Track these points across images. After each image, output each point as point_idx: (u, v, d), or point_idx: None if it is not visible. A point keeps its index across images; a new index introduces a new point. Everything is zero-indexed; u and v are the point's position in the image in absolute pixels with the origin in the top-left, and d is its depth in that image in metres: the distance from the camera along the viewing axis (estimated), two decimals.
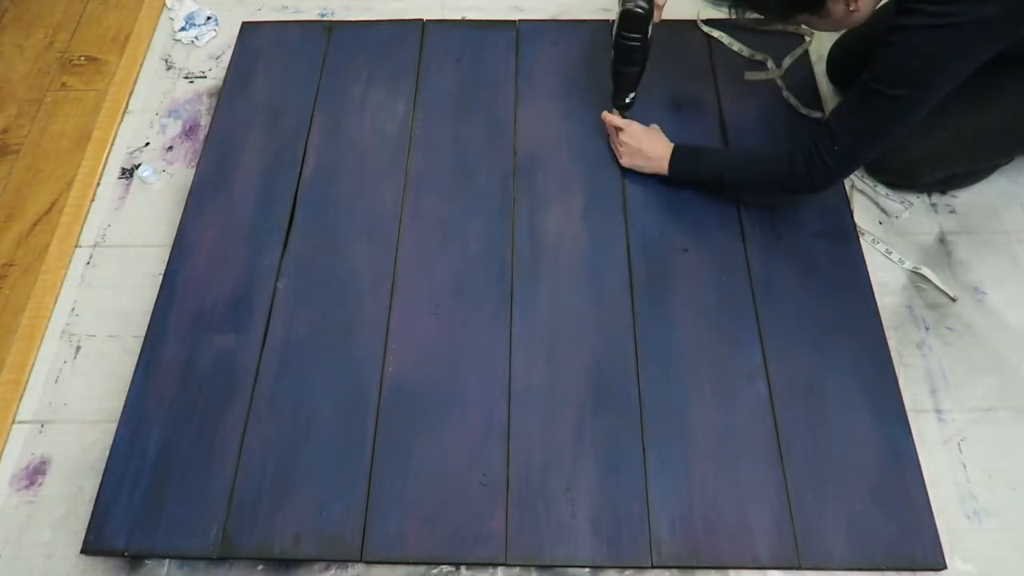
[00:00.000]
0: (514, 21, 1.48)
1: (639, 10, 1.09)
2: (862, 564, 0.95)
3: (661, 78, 1.37)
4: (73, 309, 1.22)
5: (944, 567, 0.95)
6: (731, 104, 1.34)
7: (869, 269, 1.16)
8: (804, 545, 0.96)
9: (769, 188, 1.18)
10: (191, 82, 1.48)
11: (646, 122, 1.25)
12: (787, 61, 1.36)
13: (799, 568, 0.95)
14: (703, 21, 1.26)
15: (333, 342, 1.13)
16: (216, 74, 1.48)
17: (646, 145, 1.22)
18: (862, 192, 1.26)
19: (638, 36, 1.12)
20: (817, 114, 1.31)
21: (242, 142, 1.34)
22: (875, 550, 0.96)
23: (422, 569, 0.99)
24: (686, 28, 1.45)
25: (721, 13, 1.44)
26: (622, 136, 1.23)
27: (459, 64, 1.43)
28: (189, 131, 1.41)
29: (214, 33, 1.55)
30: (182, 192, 1.31)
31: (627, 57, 1.16)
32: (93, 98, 1.48)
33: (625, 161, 1.25)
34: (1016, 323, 1.14)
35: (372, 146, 1.33)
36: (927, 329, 1.14)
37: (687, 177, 1.21)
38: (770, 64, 1.32)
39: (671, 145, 1.21)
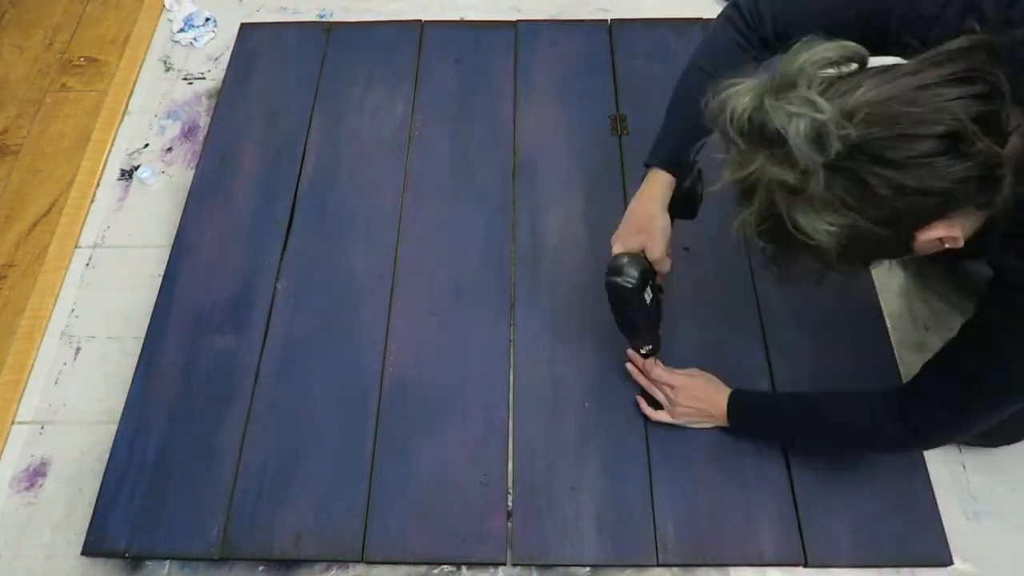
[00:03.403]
0: (513, 22, 1.48)
1: (626, 284, 0.87)
2: (867, 561, 0.95)
3: (661, 76, 1.37)
4: (73, 310, 1.22)
5: (950, 562, 0.95)
6: None
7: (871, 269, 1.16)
8: (810, 543, 0.96)
9: (853, 447, 0.97)
10: (190, 83, 1.48)
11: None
12: None
13: (805, 566, 0.95)
14: None
15: (333, 343, 1.13)
16: (215, 75, 1.48)
17: (706, 402, 0.99)
18: None
19: (633, 306, 0.90)
20: None
21: (241, 143, 1.34)
22: (880, 547, 0.95)
23: (423, 569, 0.98)
24: (685, 25, 1.45)
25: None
26: (678, 397, 1.00)
27: (458, 65, 1.42)
28: (188, 132, 1.41)
29: (213, 34, 1.55)
30: (181, 193, 1.31)
31: (629, 324, 0.96)
32: (92, 99, 1.48)
33: (683, 420, 1.02)
34: None
35: (371, 147, 1.33)
36: (927, 330, 1.14)
37: (750, 432, 1.01)
38: None
39: (726, 391, 0.99)
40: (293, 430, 1.06)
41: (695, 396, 1.00)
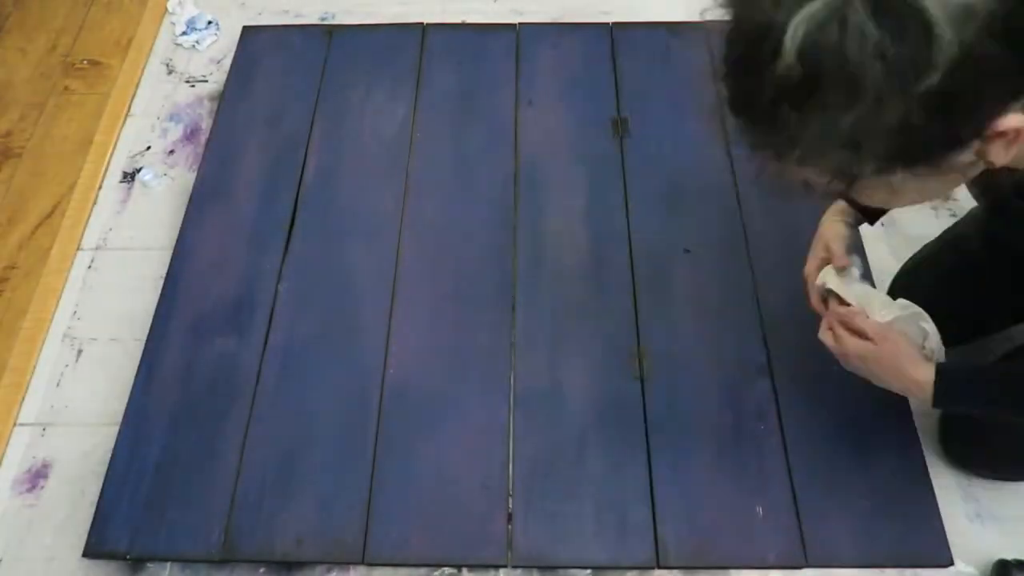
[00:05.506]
0: (514, 24, 1.49)
1: None
2: (868, 562, 0.95)
3: (662, 78, 1.38)
4: (75, 312, 1.22)
5: (951, 563, 0.95)
6: None
7: (873, 268, 1.16)
8: (810, 544, 0.96)
9: None
10: (192, 86, 1.49)
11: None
12: None
13: (806, 567, 0.95)
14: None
15: (334, 345, 1.13)
16: (217, 78, 1.48)
17: (907, 365, 0.82)
18: None
19: None
20: None
21: (243, 146, 1.35)
22: (881, 548, 0.95)
23: (424, 571, 0.98)
24: (686, 28, 1.45)
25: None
26: (872, 351, 0.83)
27: (460, 67, 1.43)
28: (190, 135, 1.42)
29: (215, 37, 1.55)
30: (183, 195, 1.31)
31: None
32: (95, 102, 1.48)
33: (857, 371, 0.88)
34: None
35: (373, 149, 1.33)
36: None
37: (958, 409, 0.93)
38: None
39: (930, 366, 0.81)
40: (294, 432, 1.06)
41: (892, 354, 0.83)
